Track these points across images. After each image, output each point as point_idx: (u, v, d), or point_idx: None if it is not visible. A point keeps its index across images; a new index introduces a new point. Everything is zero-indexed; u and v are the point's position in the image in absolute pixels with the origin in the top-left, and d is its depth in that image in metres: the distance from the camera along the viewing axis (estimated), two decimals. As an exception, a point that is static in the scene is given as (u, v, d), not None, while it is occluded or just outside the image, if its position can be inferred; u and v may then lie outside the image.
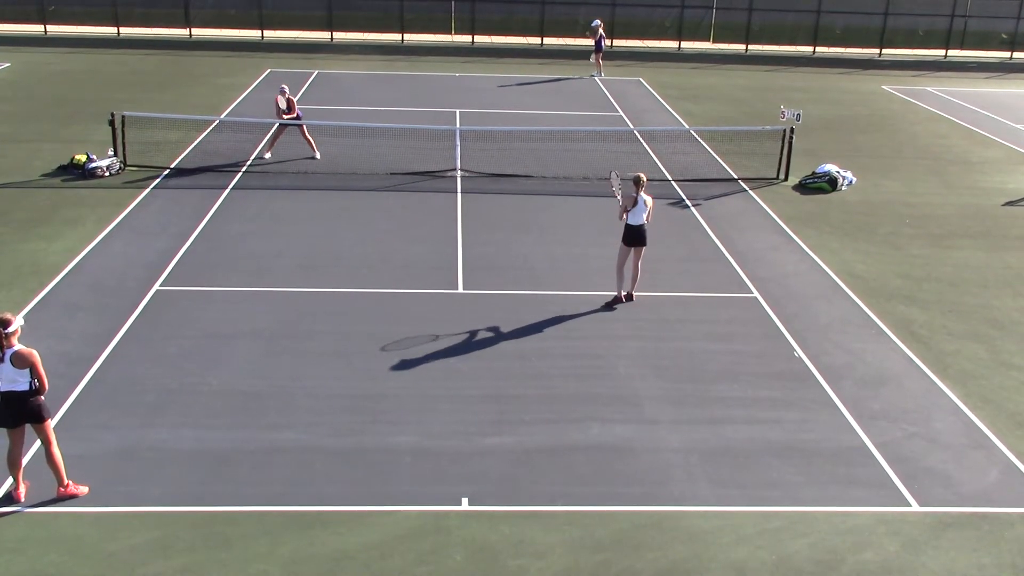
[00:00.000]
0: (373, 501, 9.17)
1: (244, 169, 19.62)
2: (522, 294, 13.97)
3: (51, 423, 8.92)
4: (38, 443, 9.27)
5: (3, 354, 8.54)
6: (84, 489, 9.08)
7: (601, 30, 32.01)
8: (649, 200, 13.37)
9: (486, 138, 22.13)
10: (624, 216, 13.34)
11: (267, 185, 18.65)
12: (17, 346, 8.59)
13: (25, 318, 12.42)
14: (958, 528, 9.11)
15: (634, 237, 13.38)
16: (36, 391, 8.67)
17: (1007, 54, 39.79)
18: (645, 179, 13.40)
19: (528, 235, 16.38)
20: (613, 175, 14.03)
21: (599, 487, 9.52)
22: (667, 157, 21.72)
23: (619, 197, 13.63)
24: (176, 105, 25.14)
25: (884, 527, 9.08)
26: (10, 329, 8.53)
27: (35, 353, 8.66)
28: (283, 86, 20.60)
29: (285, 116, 20.21)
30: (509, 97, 28.10)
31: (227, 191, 18.13)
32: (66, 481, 9.00)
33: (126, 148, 19.56)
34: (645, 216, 13.34)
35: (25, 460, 9.27)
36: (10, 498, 8.97)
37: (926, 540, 8.93)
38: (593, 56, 32.17)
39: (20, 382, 8.60)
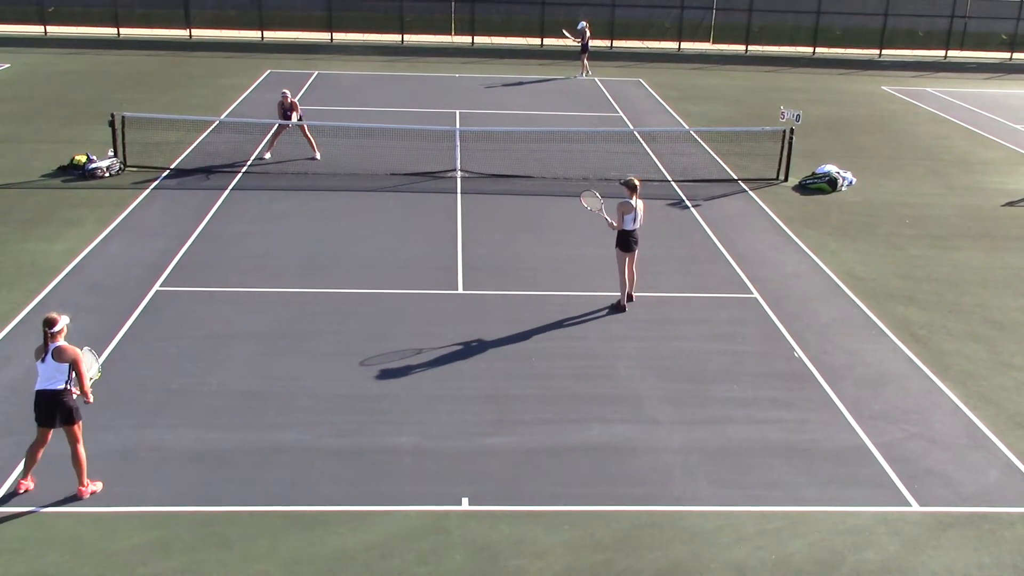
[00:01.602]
0: (373, 501, 9.17)
1: (244, 170, 19.63)
2: (522, 294, 13.97)
3: (80, 425, 8.94)
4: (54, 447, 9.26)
5: (46, 352, 8.68)
6: (99, 485, 9.15)
7: (587, 31, 31.81)
8: (641, 204, 13.33)
9: (486, 139, 22.12)
10: (618, 224, 13.26)
11: (267, 186, 18.66)
12: (61, 342, 8.74)
13: (25, 319, 12.49)
14: (958, 528, 9.11)
15: (631, 242, 13.34)
16: (70, 391, 8.75)
17: (1007, 55, 39.80)
18: (639, 183, 13.36)
19: (528, 236, 16.38)
20: (585, 197, 13.82)
21: (599, 487, 9.52)
22: (667, 158, 21.72)
23: (604, 215, 13.54)
24: (176, 106, 25.14)
25: (884, 527, 9.08)
26: (55, 329, 8.75)
27: (78, 351, 8.82)
28: (284, 91, 20.55)
29: (291, 116, 20.15)
30: (509, 98, 28.11)
31: (227, 192, 18.13)
32: (86, 482, 9.06)
33: (126, 149, 19.56)
34: (636, 221, 13.28)
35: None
36: (12, 494, 8.99)
37: (926, 540, 8.93)
38: (580, 57, 32.10)
39: (58, 379, 8.73)
